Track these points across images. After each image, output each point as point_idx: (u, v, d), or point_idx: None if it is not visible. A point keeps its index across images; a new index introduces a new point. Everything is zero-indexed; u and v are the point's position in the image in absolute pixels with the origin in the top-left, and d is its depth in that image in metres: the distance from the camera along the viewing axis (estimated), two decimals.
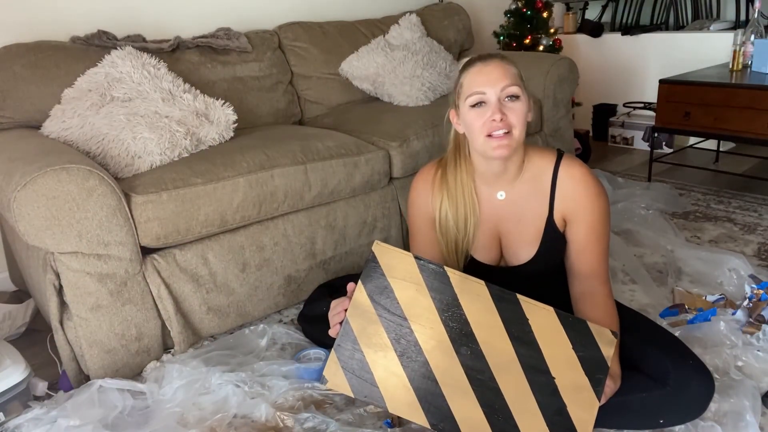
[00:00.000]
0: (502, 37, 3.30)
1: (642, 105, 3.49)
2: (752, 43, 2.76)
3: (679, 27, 3.73)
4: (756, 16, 2.78)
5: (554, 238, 1.34)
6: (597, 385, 1.06)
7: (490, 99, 1.22)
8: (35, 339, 1.82)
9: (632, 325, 1.32)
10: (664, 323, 1.66)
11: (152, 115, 1.79)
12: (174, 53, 2.18)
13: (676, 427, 1.27)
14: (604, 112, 3.67)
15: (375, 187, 2.04)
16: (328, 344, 1.24)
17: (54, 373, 1.65)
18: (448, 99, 1.37)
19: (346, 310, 1.12)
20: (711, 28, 3.40)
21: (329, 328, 1.16)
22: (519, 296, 1.10)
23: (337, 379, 1.09)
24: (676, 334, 1.46)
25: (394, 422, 1.36)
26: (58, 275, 1.51)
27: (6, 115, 1.86)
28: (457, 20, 2.97)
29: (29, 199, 1.39)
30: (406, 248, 1.47)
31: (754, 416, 1.28)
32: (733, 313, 1.66)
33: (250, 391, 1.46)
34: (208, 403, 1.43)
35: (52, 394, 1.54)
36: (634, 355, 1.24)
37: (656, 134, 2.93)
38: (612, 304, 1.30)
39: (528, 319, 1.09)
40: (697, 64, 3.05)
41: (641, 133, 3.48)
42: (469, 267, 1.40)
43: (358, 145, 2.01)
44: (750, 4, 3.34)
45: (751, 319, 1.63)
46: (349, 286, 1.14)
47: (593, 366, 1.07)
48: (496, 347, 1.08)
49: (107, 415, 1.40)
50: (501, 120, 1.21)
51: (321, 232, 1.91)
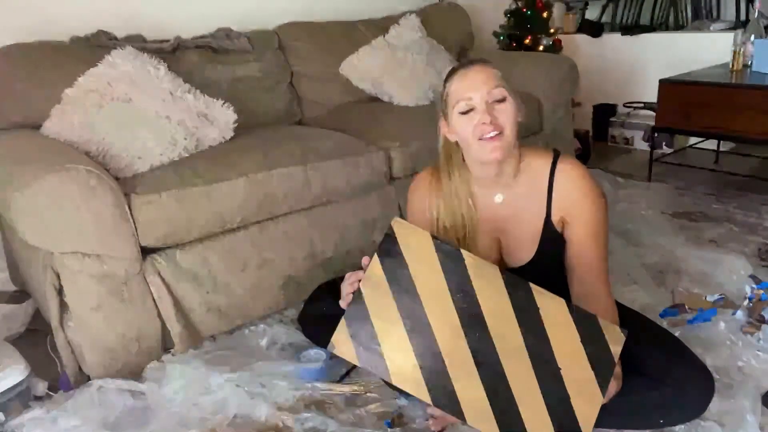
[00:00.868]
0: (502, 37, 3.29)
1: (642, 105, 3.48)
2: (752, 43, 2.76)
3: (679, 27, 3.73)
4: (756, 16, 2.79)
5: (553, 239, 1.34)
6: (603, 381, 1.05)
7: (478, 103, 1.23)
8: (35, 339, 1.82)
9: (632, 324, 1.31)
10: (664, 323, 1.66)
11: (152, 115, 1.79)
12: (174, 53, 2.17)
13: (676, 427, 1.27)
14: (604, 112, 3.66)
15: (375, 187, 2.04)
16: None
17: (54, 373, 1.65)
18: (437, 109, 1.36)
19: (360, 281, 1.12)
20: (711, 28, 3.40)
21: (329, 329, 1.15)
22: (532, 285, 1.10)
23: (344, 348, 1.10)
24: (676, 334, 1.45)
25: (394, 422, 1.36)
26: (58, 275, 1.51)
27: (6, 115, 1.86)
28: (457, 20, 2.97)
29: (29, 199, 1.39)
30: None
31: (754, 416, 1.28)
32: (733, 313, 1.66)
33: (250, 392, 1.46)
34: (208, 404, 1.43)
35: (52, 394, 1.54)
36: (634, 355, 1.24)
37: (656, 134, 2.93)
38: (612, 303, 1.30)
39: (539, 309, 1.09)
40: (697, 64, 3.05)
41: (641, 133, 3.48)
42: None
43: (358, 145, 2.01)
44: (750, 4, 3.34)
45: (751, 319, 1.63)
46: (364, 259, 1.14)
47: (600, 362, 1.06)
48: (504, 333, 1.08)
49: (107, 415, 1.40)
50: (491, 122, 1.21)
51: (321, 232, 1.91)
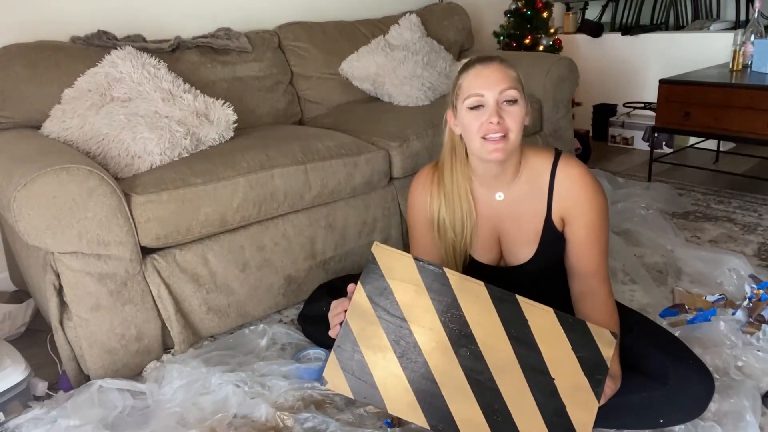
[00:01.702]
0: (502, 37, 3.29)
1: (642, 105, 3.49)
2: (752, 43, 2.76)
3: (679, 27, 3.74)
4: (756, 16, 2.78)
5: (553, 238, 1.34)
6: (596, 385, 1.06)
7: (488, 102, 1.22)
8: (35, 339, 1.82)
9: (632, 324, 1.32)
10: (664, 323, 1.66)
11: (152, 115, 1.79)
12: (174, 53, 2.18)
13: (676, 427, 1.27)
14: (604, 112, 3.67)
15: (375, 187, 2.04)
16: (328, 344, 1.24)
17: (54, 373, 1.65)
18: (446, 99, 1.37)
19: (346, 310, 1.12)
20: (711, 28, 3.40)
21: (329, 329, 1.16)
22: (518, 297, 1.10)
23: (336, 380, 1.09)
24: (676, 334, 1.45)
25: (394, 422, 1.36)
26: (58, 275, 1.51)
27: (6, 115, 1.86)
28: (457, 20, 2.97)
29: (29, 199, 1.39)
30: (407, 248, 1.47)
31: (754, 416, 1.28)
32: (733, 313, 1.66)
33: (250, 391, 1.46)
34: (208, 403, 1.43)
35: (52, 394, 1.54)
36: (634, 355, 1.24)
37: (656, 134, 2.93)
38: (612, 302, 1.30)
39: (527, 320, 1.09)
40: (697, 64, 3.05)
41: (641, 133, 3.48)
42: (469, 267, 1.40)
43: (358, 145, 2.01)
44: (750, 4, 3.34)
45: (751, 319, 1.63)
46: (350, 287, 1.14)
47: (593, 367, 1.06)
48: (495, 348, 1.08)
49: (107, 415, 1.40)
50: (498, 123, 1.20)
51: (321, 232, 1.91)
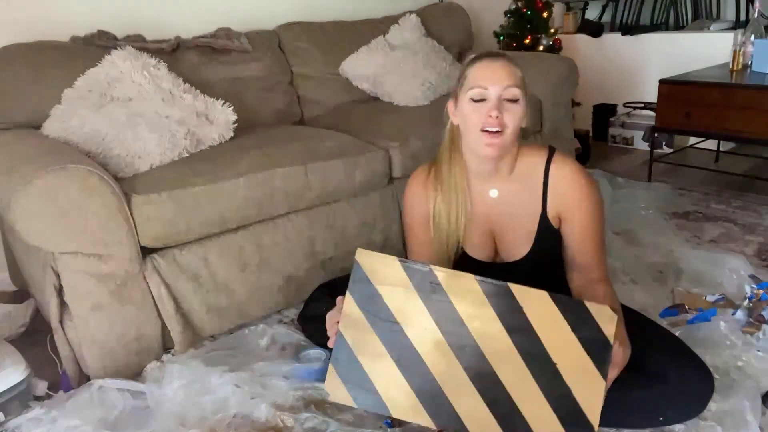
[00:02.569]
0: (502, 37, 3.29)
1: (642, 105, 3.48)
2: (752, 43, 2.76)
3: (679, 27, 3.73)
4: (756, 16, 2.78)
5: (549, 236, 1.34)
6: (601, 365, 1.04)
7: (491, 96, 1.23)
8: (35, 339, 1.82)
9: (632, 324, 1.31)
10: (664, 323, 1.66)
11: (152, 115, 1.79)
12: (174, 53, 2.17)
13: (676, 427, 1.27)
14: (604, 112, 3.66)
15: (375, 187, 2.04)
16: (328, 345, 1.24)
17: (54, 373, 1.65)
18: (446, 99, 1.37)
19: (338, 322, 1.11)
20: (711, 28, 3.40)
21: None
22: (510, 285, 1.08)
23: (339, 392, 1.09)
24: (676, 334, 1.45)
25: (394, 422, 1.36)
26: (58, 275, 1.50)
27: (6, 115, 1.86)
28: (457, 20, 2.97)
29: (29, 199, 1.39)
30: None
31: (754, 416, 1.28)
32: (733, 313, 1.66)
33: (250, 391, 1.45)
34: (208, 403, 1.43)
35: (52, 394, 1.54)
36: (635, 354, 1.24)
37: (656, 134, 2.93)
38: (613, 294, 1.30)
39: (522, 307, 1.07)
40: (697, 64, 3.05)
41: (641, 133, 3.47)
42: (465, 264, 1.40)
43: (358, 145, 2.00)
44: (750, 4, 3.33)
45: (751, 319, 1.63)
46: (338, 299, 1.13)
47: (595, 346, 1.04)
48: (492, 339, 1.07)
49: (107, 415, 1.40)
50: (497, 117, 1.22)
51: (321, 232, 1.91)
